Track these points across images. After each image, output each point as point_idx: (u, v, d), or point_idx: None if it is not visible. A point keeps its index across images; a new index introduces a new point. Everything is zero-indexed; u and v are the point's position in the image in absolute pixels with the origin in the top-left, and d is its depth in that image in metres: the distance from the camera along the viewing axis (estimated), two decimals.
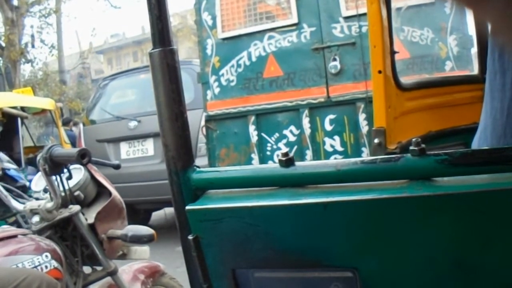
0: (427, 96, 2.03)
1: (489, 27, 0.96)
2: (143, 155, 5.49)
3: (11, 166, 3.55)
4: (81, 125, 6.26)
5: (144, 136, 5.48)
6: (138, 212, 6.26)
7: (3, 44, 13.16)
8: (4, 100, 5.86)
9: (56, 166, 1.70)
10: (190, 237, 0.82)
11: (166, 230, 5.81)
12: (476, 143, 1.02)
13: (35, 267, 1.57)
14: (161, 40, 0.83)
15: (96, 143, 5.66)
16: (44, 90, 16.42)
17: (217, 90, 4.26)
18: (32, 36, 14.56)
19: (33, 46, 14.65)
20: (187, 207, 0.81)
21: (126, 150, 5.59)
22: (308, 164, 0.80)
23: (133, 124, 5.54)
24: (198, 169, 0.85)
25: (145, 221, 6.51)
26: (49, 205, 1.74)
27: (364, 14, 1.81)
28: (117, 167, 2.00)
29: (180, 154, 0.84)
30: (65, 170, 1.76)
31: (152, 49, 0.84)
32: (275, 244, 0.78)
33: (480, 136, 1.00)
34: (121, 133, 5.60)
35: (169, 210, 6.30)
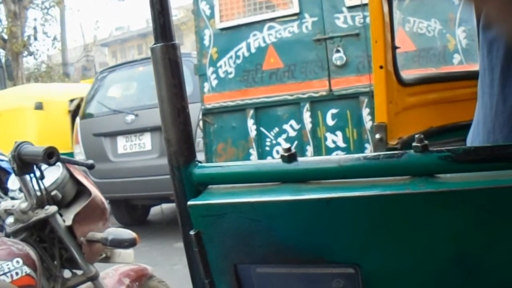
0: (429, 92, 2.03)
1: (481, 21, 0.96)
2: (141, 149, 5.36)
3: (3, 158, 3.50)
4: (77, 119, 6.13)
5: (141, 130, 5.34)
6: (136, 208, 6.17)
7: (6, 37, 13.09)
8: None
9: (25, 165, 1.59)
10: (192, 233, 0.82)
11: (165, 225, 5.75)
12: (470, 138, 1.02)
13: (4, 274, 1.47)
14: (163, 35, 0.83)
15: (92, 137, 5.55)
16: (48, 83, 16.39)
17: (214, 83, 4.12)
18: (35, 28, 14.48)
19: (35, 39, 14.57)
20: (189, 203, 0.81)
21: (123, 145, 5.45)
22: (310, 159, 0.80)
23: (130, 118, 5.39)
24: (200, 164, 0.85)
25: (143, 217, 6.44)
26: (24, 205, 1.64)
27: None
28: (90, 166, 1.85)
29: (182, 149, 0.84)
30: (37, 169, 1.63)
31: (154, 44, 0.83)
32: (277, 240, 0.78)
33: (473, 131, 1.01)
34: (118, 127, 5.44)
35: (166, 206, 6.17)
